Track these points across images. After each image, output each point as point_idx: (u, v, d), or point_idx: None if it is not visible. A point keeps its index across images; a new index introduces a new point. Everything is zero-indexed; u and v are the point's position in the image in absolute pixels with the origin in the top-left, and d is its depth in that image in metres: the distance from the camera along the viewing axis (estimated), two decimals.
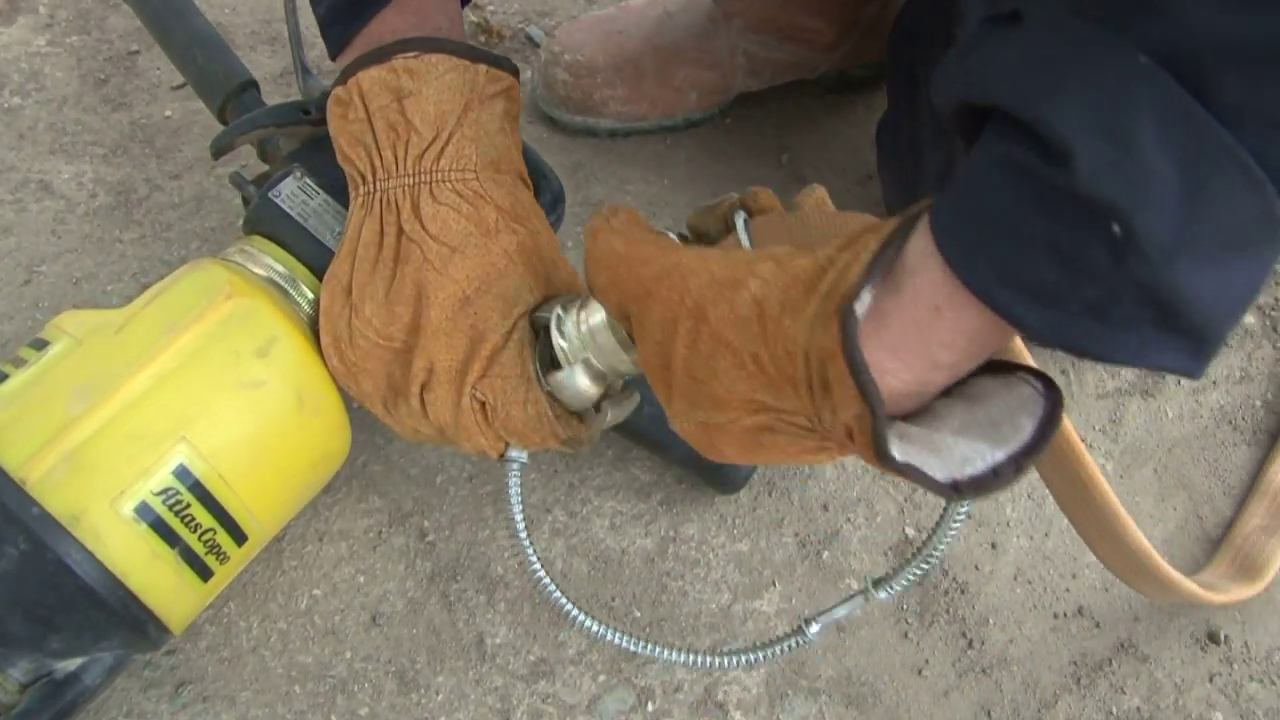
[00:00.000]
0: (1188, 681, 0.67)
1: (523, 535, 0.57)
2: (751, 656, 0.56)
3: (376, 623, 0.66)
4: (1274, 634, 0.69)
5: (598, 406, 0.56)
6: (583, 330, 0.53)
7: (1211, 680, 0.67)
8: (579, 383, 0.53)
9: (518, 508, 0.58)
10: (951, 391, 0.43)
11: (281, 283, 0.61)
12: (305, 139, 0.67)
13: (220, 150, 0.67)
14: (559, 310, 0.54)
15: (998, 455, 0.40)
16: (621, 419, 0.57)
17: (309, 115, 0.67)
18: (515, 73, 0.59)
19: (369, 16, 0.58)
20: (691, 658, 0.56)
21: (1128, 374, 0.79)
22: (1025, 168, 0.35)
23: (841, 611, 0.55)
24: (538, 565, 0.56)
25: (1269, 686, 0.67)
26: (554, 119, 0.86)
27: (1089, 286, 0.35)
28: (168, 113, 0.87)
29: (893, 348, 0.40)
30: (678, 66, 0.84)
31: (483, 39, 0.95)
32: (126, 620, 0.55)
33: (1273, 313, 0.83)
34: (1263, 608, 0.70)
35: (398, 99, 0.55)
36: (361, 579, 0.67)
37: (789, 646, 0.55)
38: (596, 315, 0.53)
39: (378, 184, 0.57)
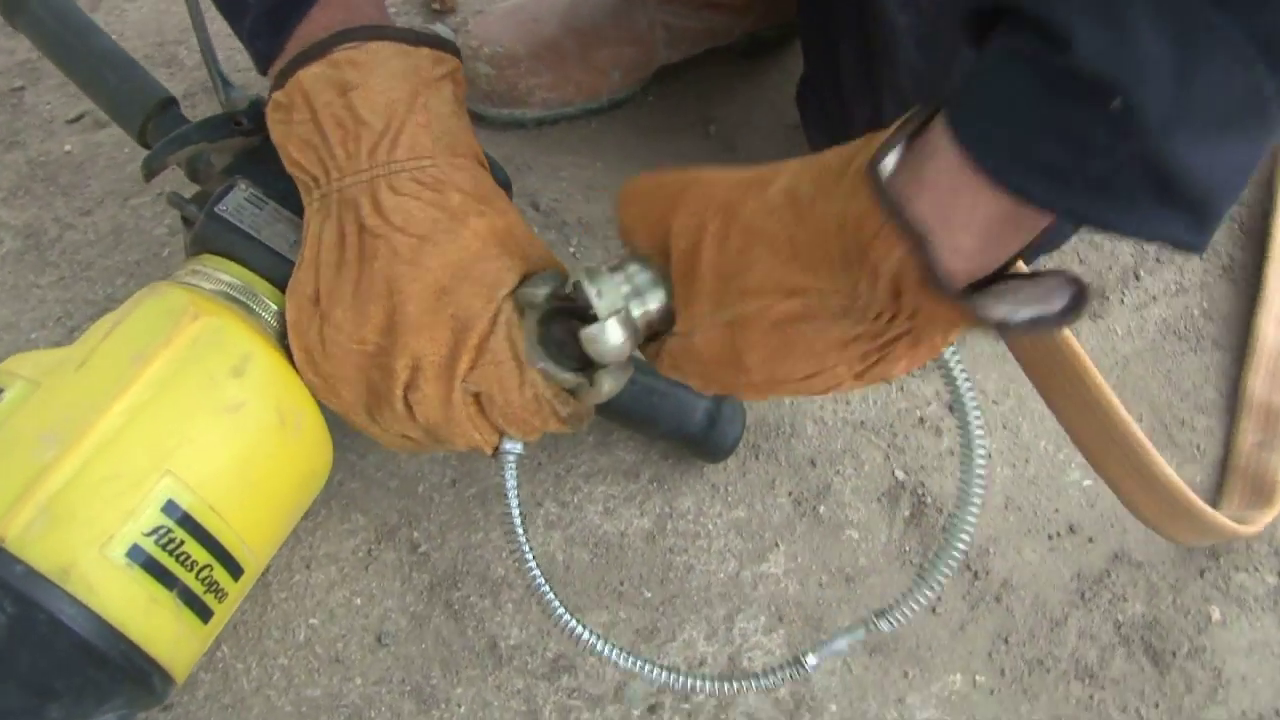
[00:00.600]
0: (1181, 580, 0.70)
1: (519, 533, 0.55)
2: (749, 683, 0.55)
3: (382, 643, 0.63)
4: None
5: (592, 380, 0.54)
6: (616, 279, 0.51)
7: (1202, 575, 0.70)
8: (611, 336, 0.51)
9: (515, 503, 0.56)
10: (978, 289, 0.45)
11: (243, 298, 0.58)
12: (239, 152, 0.64)
13: (152, 171, 0.63)
14: (585, 270, 0.52)
15: (1042, 309, 0.42)
16: (618, 390, 0.56)
17: (241, 126, 0.64)
18: (457, 53, 0.58)
19: (298, 19, 0.55)
20: (691, 681, 0.55)
21: None
22: (1031, 56, 0.38)
23: (841, 643, 0.55)
24: (534, 565, 0.55)
25: (1254, 574, 0.70)
26: (479, 115, 0.84)
27: (1093, 161, 0.37)
28: (67, 147, 0.81)
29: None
30: (599, 46, 0.83)
31: (436, 6, 0.94)
32: (130, 674, 0.51)
33: None
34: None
35: (343, 93, 0.53)
36: (358, 601, 0.64)
37: (787, 676, 0.55)
38: (630, 263, 0.51)
39: (333, 184, 0.54)
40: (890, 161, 0.42)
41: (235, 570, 0.55)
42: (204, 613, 0.54)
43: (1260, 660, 0.67)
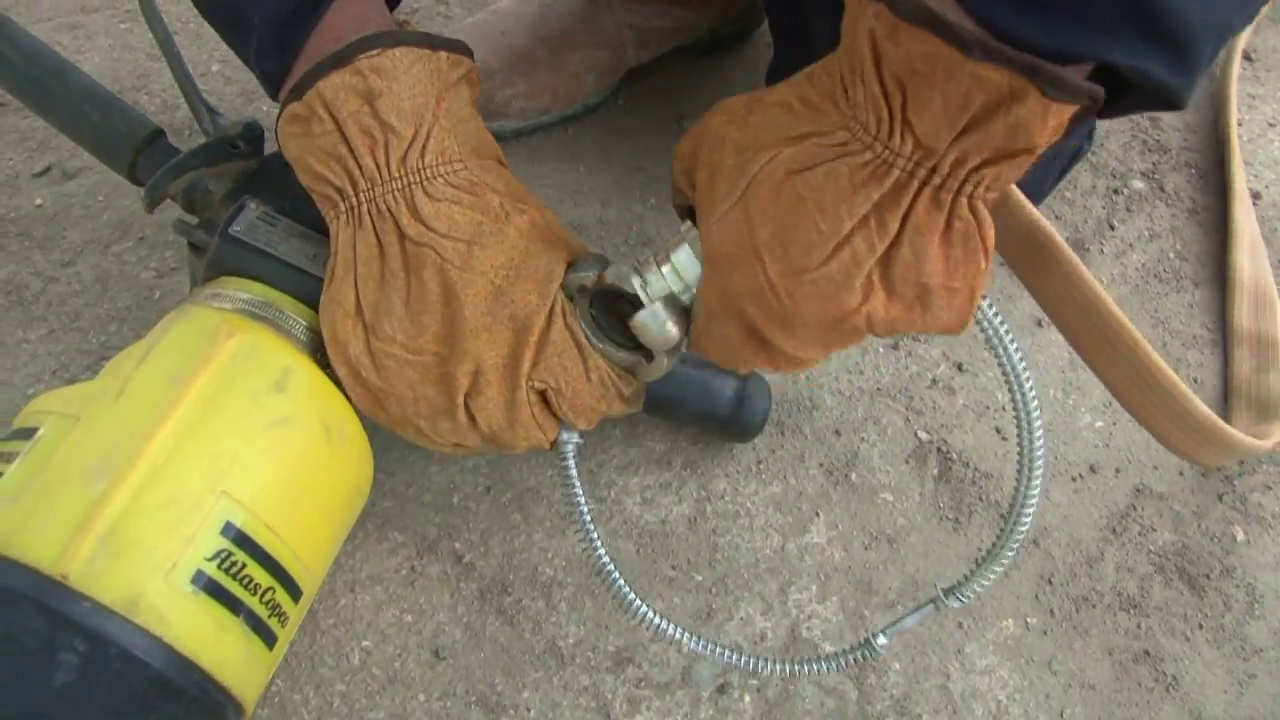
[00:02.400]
0: (1203, 506, 0.72)
1: (588, 521, 0.55)
2: (820, 665, 0.56)
3: (440, 657, 0.61)
4: None
5: (649, 356, 0.55)
6: (666, 263, 0.51)
7: (1221, 500, 0.72)
8: (661, 317, 0.51)
9: (580, 493, 0.56)
10: None
11: (270, 314, 0.57)
12: (238, 176, 0.63)
13: (154, 201, 0.62)
14: (631, 263, 0.52)
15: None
16: (673, 364, 0.56)
17: (239, 149, 0.63)
18: (471, 54, 0.57)
19: (305, 35, 0.53)
20: (763, 663, 0.56)
21: None
22: None
23: (911, 620, 0.55)
24: (604, 553, 0.56)
25: (1269, 493, 0.73)
26: None
27: None
28: (37, 201, 0.79)
29: None
30: (570, 52, 0.83)
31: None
32: (205, 707, 0.49)
33: (1155, 176, 0.91)
34: None
35: (368, 101, 0.51)
36: (409, 618, 0.63)
37: (857, 658, 0.55)
38: (678, 246, 0.51)
39: (361, 196, 0.52)
40: None
41: (295, 592, 0.53)
42: (269, 638, 0.52)
43: None
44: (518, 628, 0.63)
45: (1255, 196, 0.90)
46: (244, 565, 0.50)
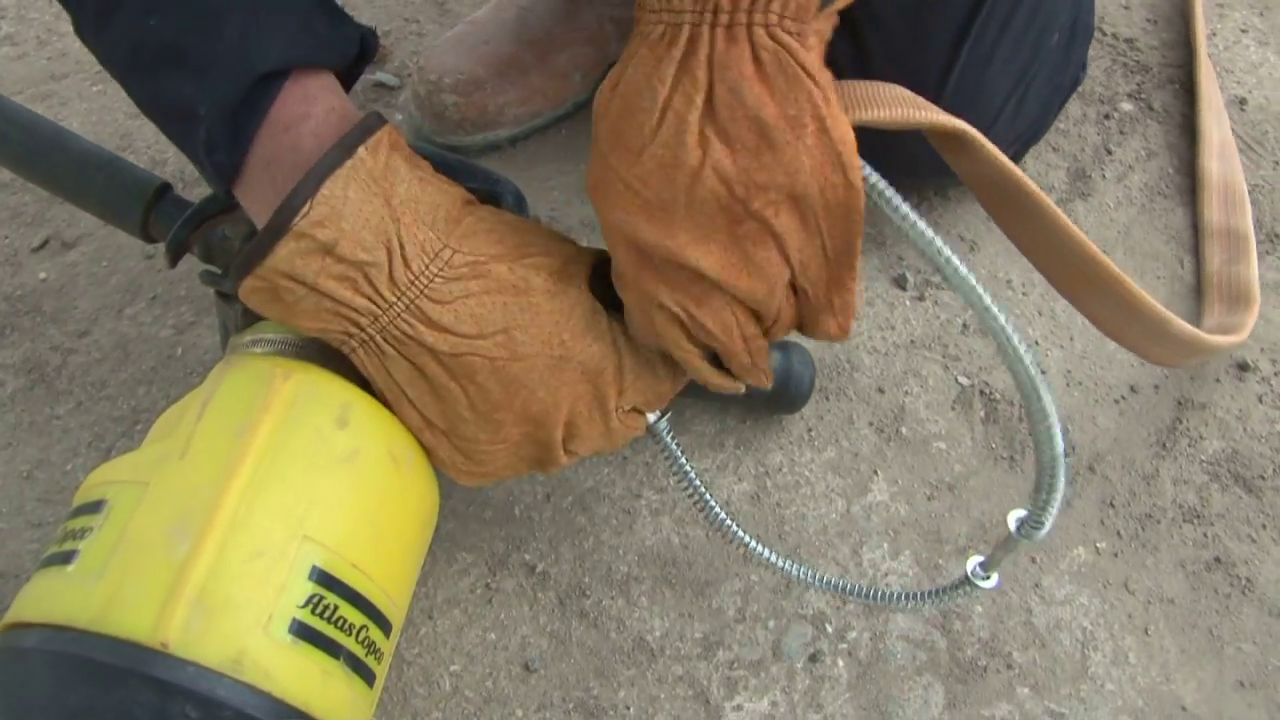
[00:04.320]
0: (1245, 410, 0.73)
1: (696, 483, 0.57)
2: (935, 598, 0.54)
3: (531, 669, 0.61)
4: None
5: None
6: None
7: (1261, 401, 0.73)
8: None
9: (683, 459, 0.58)
10: None
11: (315, 352, 0.56)
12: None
13: (177, 255, 0.61)
14: None
15: None
16: None
17: None
18: (379, 117, 0.51)
19: (258, 122, 0.48)
20: (878, 592, 0.56)
21: (1061, 185, 0.85)
22: None
23: (1004, 554, 0.53)
24: (716, 506, 0.57)
25: None
26: (455, 146, 0.83)
27: None
28: (41, 275, 0.78)
29: None
30: (556, 52, 0.83)
31: None
32: None
33: (1142, 96, 0.92)
34: (1265, 329, 0.77)
35: (328, 254, 0.47)
36: (492, 635, 0.62)
37: (961, 594, 0.53)
38: None
39: (369, 330, 0.50)
40: None
41: (386, 626, 0.53)
42: (369, 677, 0.52)
43: None
44: (602, 629, 0.63)
45: (1241, 102, 0.91)
46: (336, 607, 0.50)
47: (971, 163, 0.52)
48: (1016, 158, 0.79)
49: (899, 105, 0.48)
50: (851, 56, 0.71)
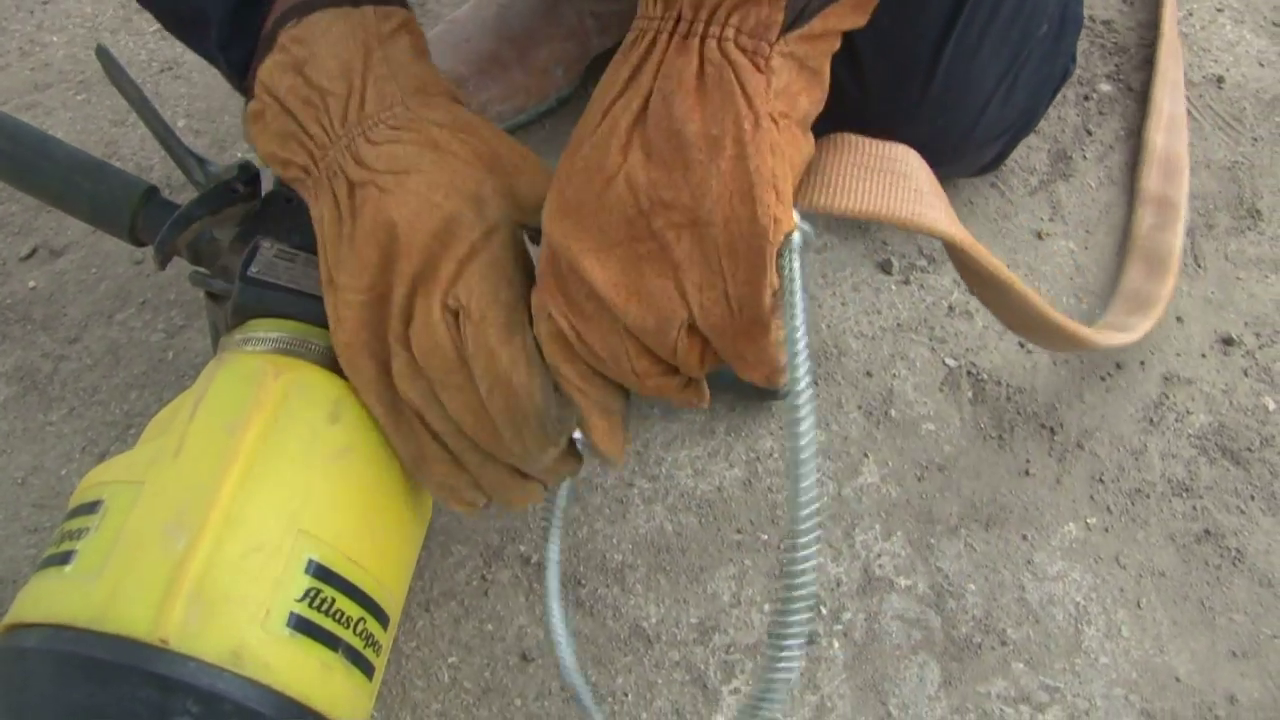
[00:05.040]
0: (1230, 384, 0.73)
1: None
2: None
3: (529, 659, 0.62)
4: (1274, 320, 0.77)
5: None
6: None
7: (1246, 374, 0.74)
8: None
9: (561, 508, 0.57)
10: None
11: (305, 349, 0.56)
12: (242, 220, 0.62)
13: (166, 258, 0.61)
14: None
15: None
16: None
17: (239, 192, 0.62)
18: (405, 5, 0.55)
19: (262, 16, 0.53)
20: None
21: (1042, 166, 0.86)
22: None
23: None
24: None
25: None
26: None
27: None
28: (31, 284, 0.78)
29: None
30: (536, 48, 0.83)
31: None
32: None
33: (1120, 77, 0.92)
34: (1249, 304, 0.77)
35: (298, 72, 0.51)
36: (489, 627, 0.63)
37: None
38: None
39: (319, 165, 0.51)
40: None
41: (383, 619, 0.53)
42: (368, 669, 0.52)
43: None
44: (598, 617, 0.63)
45: (1219, 80, 0.92)
46: (333, 600, 0.50)
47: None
48: (1007, 149, 0.79)
49: (879, 197, 0.45)
50: (839, 50, 0.71)
